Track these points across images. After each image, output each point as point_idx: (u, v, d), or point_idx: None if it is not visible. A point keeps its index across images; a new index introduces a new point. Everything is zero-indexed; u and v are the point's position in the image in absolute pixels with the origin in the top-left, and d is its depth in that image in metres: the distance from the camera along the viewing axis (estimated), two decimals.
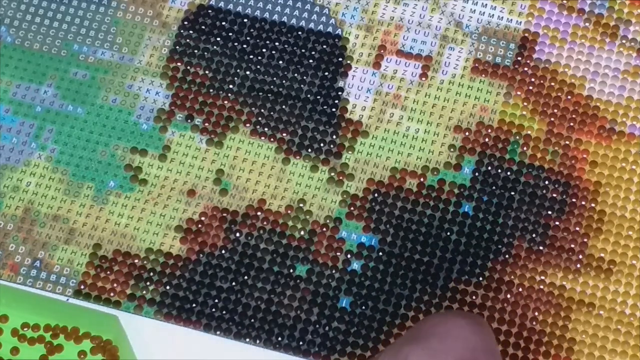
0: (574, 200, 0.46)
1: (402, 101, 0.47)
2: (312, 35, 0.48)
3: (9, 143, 0.46)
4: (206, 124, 0.47)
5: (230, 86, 0.47)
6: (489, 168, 0.46)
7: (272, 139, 0.47)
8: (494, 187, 0.46)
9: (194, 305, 0.44)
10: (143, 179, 0.46)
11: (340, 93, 0.47)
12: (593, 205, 0.46)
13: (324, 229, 0.45)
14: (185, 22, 0.48)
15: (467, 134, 0.47)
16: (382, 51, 0.48)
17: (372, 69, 0.48)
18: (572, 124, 0.47)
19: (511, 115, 0.47)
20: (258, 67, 0.48)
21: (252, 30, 0.48)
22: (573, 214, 0.45)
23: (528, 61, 0.48)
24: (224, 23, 0.48)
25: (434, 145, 0.47)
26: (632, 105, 0.47)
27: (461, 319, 0.36)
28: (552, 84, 0.47)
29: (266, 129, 0.47)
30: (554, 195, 0.46)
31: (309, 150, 0.47)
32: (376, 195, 0.46)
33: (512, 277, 0.45)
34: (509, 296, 0.44)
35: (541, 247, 0.45)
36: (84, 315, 0.44)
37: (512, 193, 0.46)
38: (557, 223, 0.45)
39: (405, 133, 0.47)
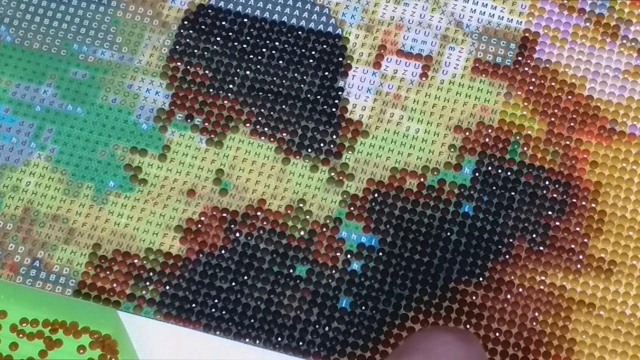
0: (574, 200, 0.46)
1: (402, 101, 0.47)
2: (312, 35, 0.48)
3: (9, 143, 0.46)
4: (206, 124, 0.47)
5: (230, 86, 0.47)
6: (489, 168, 0.46)
7: (272, 139, 0.47)
8: (494, 187, 0.46)
9: (193, 305, 0.44)
10: (143, 178, 0.46)
11: (340, 93, 0.47)
12: (593, 205, 0.46)
13: (324, 229, 0.45)
14: (185, 22, 0.48)
15: (467, 134, 0.47)
16: (382, 51, 0.48)
17: (372, 68, 0.48)
18: (572, 124, 0.47)
19: (511, 115, 0.47)
20: (258, 67, 0.48)
21: (252, 30, 0.48)
22: (573, 214, 0.45)
23: (528, 61, 0.48)
24: (224, 23, 0.48)
25: (434, 145, 0.47)
26: (632, 105, 0.47)
27: (447, 334, 0.34)
28: (553, 84, 0.47)
29: (266, 129, 0.47)
30: (554, 195, 0.46)
31: (309, 150, 0.46)
32: (376, 195, 0.46)
33: (512, 277, 0.44)
34: (509, 296, 0.44)
35: (541, 247, 0.45)
36: (83, 309, 0.44)
37: (512, 193, 0.46)
38: (557, 223, 0.45)
39: (405, 133, 0.47)
